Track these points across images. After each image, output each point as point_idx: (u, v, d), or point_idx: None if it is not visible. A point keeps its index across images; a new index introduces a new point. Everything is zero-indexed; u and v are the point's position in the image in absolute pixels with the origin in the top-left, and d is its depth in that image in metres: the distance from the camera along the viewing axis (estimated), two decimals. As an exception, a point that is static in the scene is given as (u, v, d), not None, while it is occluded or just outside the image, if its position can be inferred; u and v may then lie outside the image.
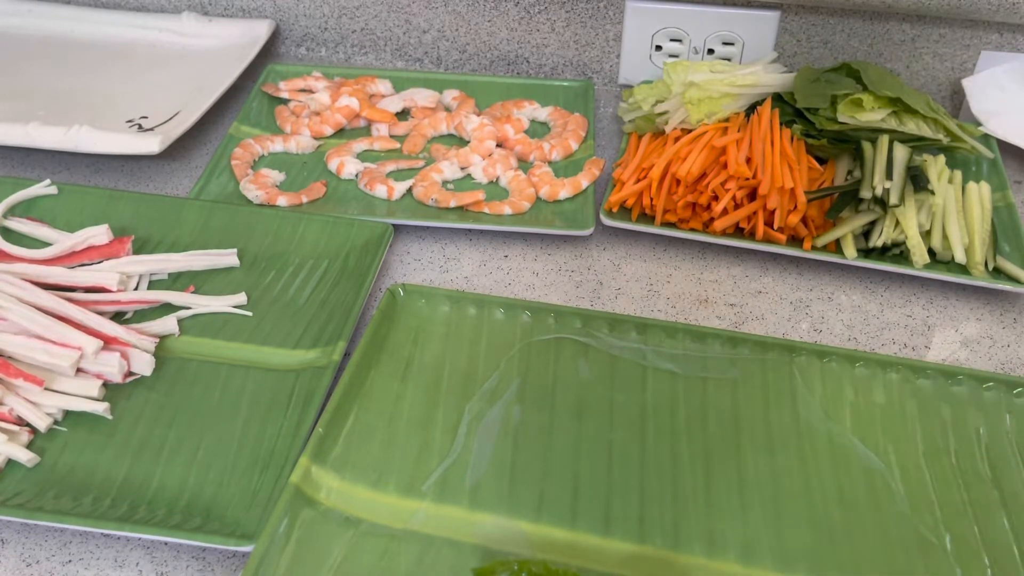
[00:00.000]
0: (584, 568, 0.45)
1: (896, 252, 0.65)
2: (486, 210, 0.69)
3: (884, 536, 0.47)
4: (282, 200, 0.70)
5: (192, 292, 0.62)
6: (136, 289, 0.62)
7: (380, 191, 0.71)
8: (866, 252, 0.65)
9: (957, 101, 0.83)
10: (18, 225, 0.66)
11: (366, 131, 0.80)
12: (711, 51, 0.83)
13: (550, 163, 0.76)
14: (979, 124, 0.75)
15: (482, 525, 0.47)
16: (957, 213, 0.65)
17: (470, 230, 0.70)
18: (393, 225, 0.66)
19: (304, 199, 0.71)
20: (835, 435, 0.52)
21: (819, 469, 0.50)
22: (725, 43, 0.82)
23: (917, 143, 0.69)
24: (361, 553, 0.46)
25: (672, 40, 0.83)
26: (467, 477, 0.49)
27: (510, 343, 0.57)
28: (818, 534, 0.47)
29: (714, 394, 0.54)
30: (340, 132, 0.80)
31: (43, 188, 0.68)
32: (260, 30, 0.89)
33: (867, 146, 0.67)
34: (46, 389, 0.53)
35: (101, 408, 0.53)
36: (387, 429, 0.52)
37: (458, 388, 0.55)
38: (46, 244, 0.64)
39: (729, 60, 0.82)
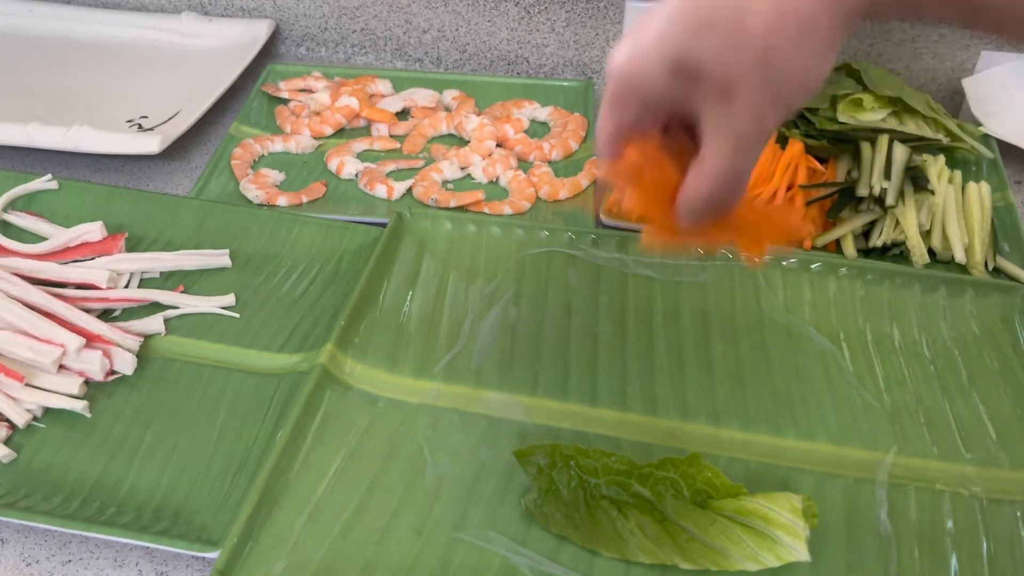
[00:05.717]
0: (575, 430, 0.52)
1: (896, 252, 0.65)
2: (486, 210, 0.69)
3: (834, 402, 0.54)
4: (282, 200, 0.70)
5: (181, 292, 0.61)
6: (127, 287, 0.61)
7: (380, 191, 0.71)
8: (866, 252, 0.65)
9: (957, 101, 0.82)
10: (17, 219, 0.66)
11: (366, 131, 0.80)
12: (711, 51, 0.82)
13: (550, 163, 0.76)
14: (979, 124, 0.75)
15: (486, 400, 0.54)
16: (957, 213, 0.65)
17: (470, 230, 0.71)
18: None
19: (304, 199, 0.71)
20: (793, 326, 0.59)
21: (779, 352, 0.57)
22: (725, 43, 0.82)
23: (917, 143, 0.69)
24: (383, 422, 0.52)
25: (672, 40, 0.83)
26: (472, 362, 0.56)
27: (506, 256, 0.63)
28: (777, 402, 0.54)
29: (687, 295, 0.61)
30: (340, 132, 0.80)
31: (44, 183, 0.68)
32: (260, 30, 0.89)
33: (865, 146, 0.67)
34: (27, 385, 0.53)
35: (80, 406, 0.53)
36: (399, 325, 0.59)
37: (460, 293, 0.61)
38: (44, 239, 0.64)
39: (729, 60, 0.82)
